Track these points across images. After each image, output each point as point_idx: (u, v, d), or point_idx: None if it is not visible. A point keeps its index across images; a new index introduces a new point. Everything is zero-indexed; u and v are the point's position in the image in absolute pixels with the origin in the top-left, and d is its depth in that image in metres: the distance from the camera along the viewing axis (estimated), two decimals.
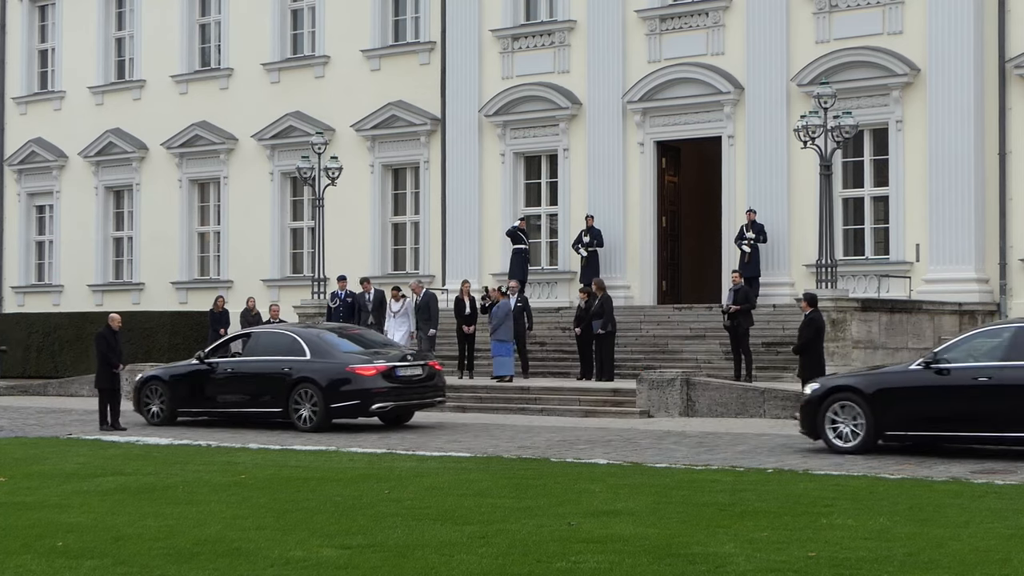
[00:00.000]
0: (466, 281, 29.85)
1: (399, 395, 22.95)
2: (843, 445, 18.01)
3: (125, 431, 22.85)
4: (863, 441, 17.92)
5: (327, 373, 22.74)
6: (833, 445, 18.10)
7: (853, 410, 18.03)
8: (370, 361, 22.88)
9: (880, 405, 17.89)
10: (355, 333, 25.09)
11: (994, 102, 28.21)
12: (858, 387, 18.18)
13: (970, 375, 17.39)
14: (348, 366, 22.77)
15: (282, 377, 23.08)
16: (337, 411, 22.71)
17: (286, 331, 24.41)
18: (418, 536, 11.33)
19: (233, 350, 24.88)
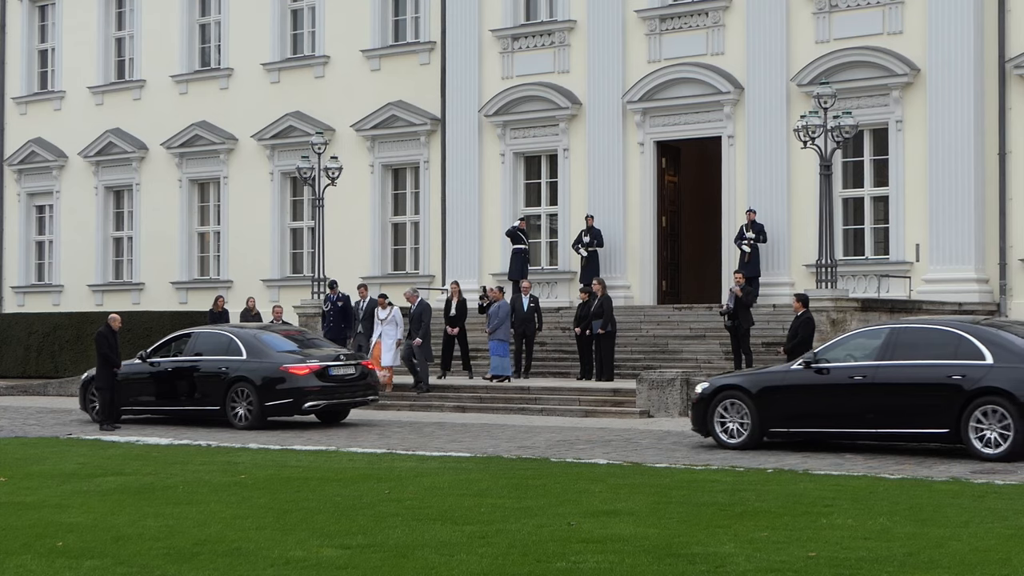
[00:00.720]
0: (455, 282, 29.77)
1: (332, 394, 23.77)
2: (731, 441, 18.81)
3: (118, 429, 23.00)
4: (749, 437, 18.71)
5: (261, 372, 23.55)
6: (721, 441, 18.91)
7: (740, 408, 18.84)
8: (303, 361, 23.69)
9: (765, 403, 18.69)
10: (294, 334, 25.84)
11: (994, 102, 28.21)
12: (744, 386, 19.00)
13: (847, 374, 18.15)
14: (282, 365, 23.54)
15: (219, 376, 23.85)
16: (271, 409, 23.47)
17: (224, 331, 25.16)
18: (418, 536, 11.33)
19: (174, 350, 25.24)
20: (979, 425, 17.11)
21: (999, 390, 17.00)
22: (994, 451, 16.97)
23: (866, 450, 18.28)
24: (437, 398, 26.84)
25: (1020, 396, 16.89)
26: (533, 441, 20.15)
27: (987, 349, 17.36)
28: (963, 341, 17.58)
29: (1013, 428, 16.89)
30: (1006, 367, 17.12)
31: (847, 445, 18.63)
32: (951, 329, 18.03)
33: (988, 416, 17.04)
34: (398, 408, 26.58)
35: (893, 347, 18.01)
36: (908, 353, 17.92)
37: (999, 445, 16.97)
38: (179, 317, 35.64)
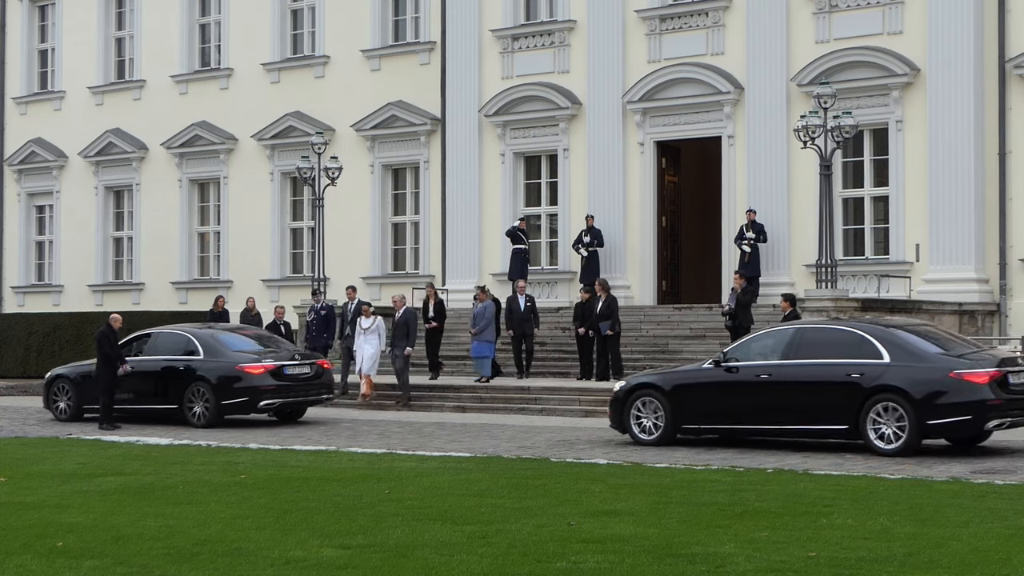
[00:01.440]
0: (430, 284, 29.73)
1: (287, 392, 24.24)
2: (646, 438, 19.42)
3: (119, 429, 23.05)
4: (663, 434, 19.34)
5: (218, 372, 24.01)
6: (637, 438, 19.49)
7: (654, 405, 19.47)
8: (259, 360, 24.15)
9: (677, 401, 19.34)
10: (251, 334, 26.28)
11: (994, 102, 28.21)
12: (658, 384, 19.63)
13: (754, 372, 18.78)
14: (238, 365, 24.00)
15: (177, 375, 24.32)
16: (228, 408, 23.93)
17: (182, 331, 25.52)
18: (418, 536, 11.33)
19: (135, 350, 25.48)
20: (877, 421, 17.70)
21: (895, 388, 17.60)
22: (890, 446, 17.60)
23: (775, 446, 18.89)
24: (437, 398, 26.84)
25: (914, 394, 17.48)
26: (533, 441, 20.15)
27: (885, 348, 17.94)
28: (863, 341, 18.18)
29: (908, 424, 17.49)
30: (902, 366, 17.71)
31: (756, 441, 19.28)
32: (851, 329, 18.68)
33: (885, 413, 17.66)
34: (398, 408, 26.58)
35: (797, 346, 18.66)
36: (811, 352, 18.54)
37: (894, 441, 17.60)
38: (179, 317, 35.50)
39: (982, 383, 17.40)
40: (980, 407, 17.39)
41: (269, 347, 25.21)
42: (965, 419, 17.48)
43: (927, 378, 17.62)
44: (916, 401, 17.48)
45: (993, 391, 17.42)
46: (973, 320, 28.03)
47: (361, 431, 22.51)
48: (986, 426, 17.62)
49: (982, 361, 17.89)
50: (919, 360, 17.84)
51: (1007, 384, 17.63)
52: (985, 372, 17.51)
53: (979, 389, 17.38)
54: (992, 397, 17.39)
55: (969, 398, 17.40)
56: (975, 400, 17.39)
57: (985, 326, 28.18)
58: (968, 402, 17.41)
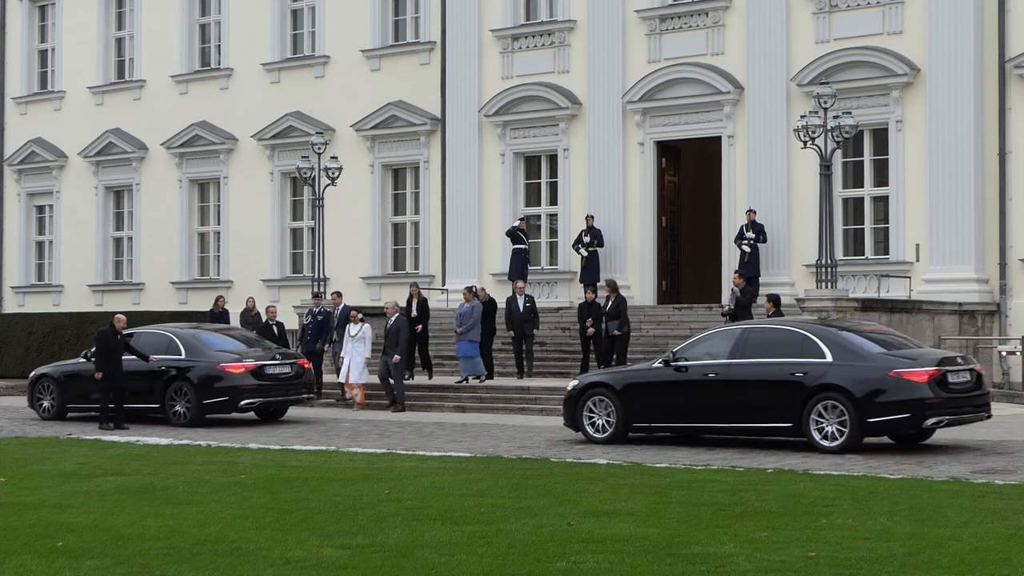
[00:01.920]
0: (415, 284, 29.67)
1: (268, 392, 24.54)
2: (598, 436, 19.76)
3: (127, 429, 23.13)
4: (614, 432, 19.70)
5: (199, 371, 24.32)
6: (590, 436, 19.85)
7: (606, 404, 19.83)
8: (240, 360, 24.43)
9: (628, 399, 19.70)
10: (234, 334, 26.49)
11: (994, 102, 28.22)
12: (609, 383, 20.01)
13: (702, 371, 19.15)
14: (219, 364, 24.29)
15: (158, 375, 24.48)
16: (209, 407, 24.21)
17: (164, 331, 25.69)
18: (418, 536, 11.33)
19: None
20: (819, 419, 18.08)
21: (837, 387, 17.95)
22: (832, 444, 17.95)
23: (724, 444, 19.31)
24: (437, 398, 26.84)
25: (855, 392, 17.84)
26: (533, 441, 20.16)
27: (827, 348, 18.31)
28: (806, 340, 18.55)
29: (849, 422, 17.88)
30: (844, 365, 18.08)
31: (707, 439, 19.69)
32: (795, 329, 19.05)
33: (827, 411, 18.03)
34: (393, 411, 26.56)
35: (744, 346, 19.02)
36: (757, 352, 18.89)
37: (836, 438, 17.96)
38: (179, 317, 35.58)
39: (921, 382, 17.78)
40: (919, 405, 17.78)
41: (251, 347, 25.41)
42: (904, 417, 17.91)
43: (868, 377, 17.99)
44: (857, 399, 17.86)
45: (932, 390, 17.80)
46: (973, 320, 28.04)
47: (361, 431, 22.51)
48: (924, 424, 17.97)
49: (922, 360, 18.22)
50: (860, 359, 18.20)
51: (946, 383, 18.02)
52: (924, 371, 17.88)
53: (918, 388, 17.77)
54: (931, 396, 17.78)
55: (908, 396, 17.80)
56: (914, 398, 17.78)
57: (985, 326, 28.19)
58: (907, 400, 17.81)
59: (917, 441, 18.90)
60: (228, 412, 24.61)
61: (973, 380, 18.56)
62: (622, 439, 19.67)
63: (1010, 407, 24.41)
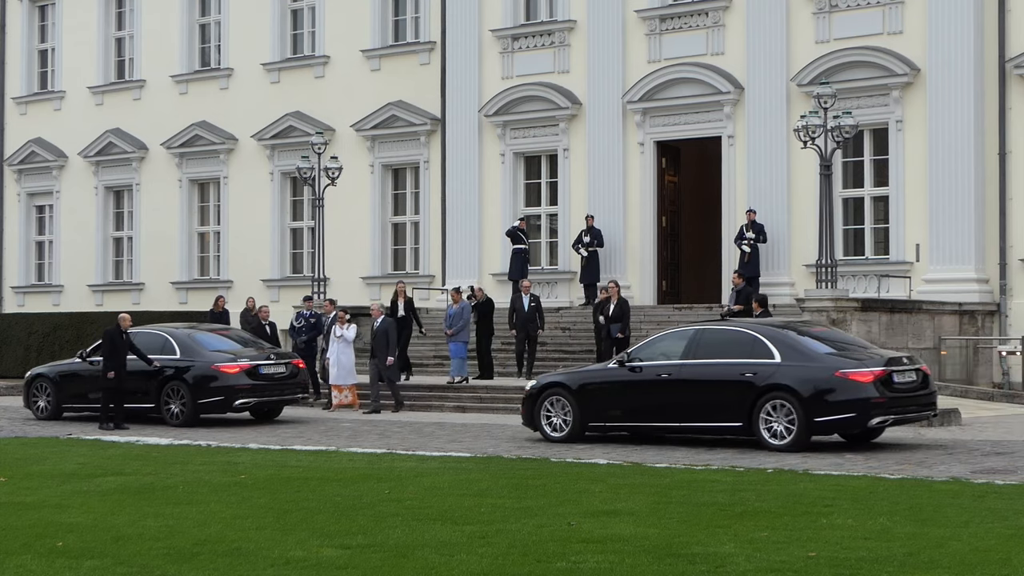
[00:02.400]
0: (401, 282, 29.63)
1: (262, 392, 24.62)
2: (555, 435, 20.10)
3: (127, 430, 23.16)
4: (571, 431, 20.02)
5: (194, 371, 24.39)
6: (547, 435, 20.19)
7: (563, 404, 20.15)
8: (234, 360, 24.48)
9: (584, 399, 20.05)
10: (229, 334, 26.54)
11: (994, 102, 28.22)
12: (566, 383, 20.35)
13: (656, 372, 19.54)
14: (214, 364, 24.35)
15: (153, 375, 24.49)
16: (203, 407, 24.29)
17: (159, 331, 25.76)
18: (418, 536, 11.33)
19: None
20: (768, 418, 18.44)
21: (785, 386, 18.33)
22: (780, 442, 18.31)
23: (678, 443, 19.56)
24: (437, 398, 26.83)
25: (803, 392, 18.22)
26: (533, 441, 20.16)
27: (776, 349, 18.70)
28: (756, 341, 18.94)
29: (797, 421, 18.22)
30: (792, 365, 18.46)
31: (659, 438, 19.89)
32: (745, 330, 19.46)
33: (776, 410, 18.39)
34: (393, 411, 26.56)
35: (697, 347, 19.39)
36: (709, 352, 19.25)
37: (785, 437, 18.30)
38: (179, 317, 35.58)
39: (866, 382, 18.16)
40: (864, 405, 18.14)
41: (246, 347, 25.45)
42: (850, 416, 18.26)
43: (815, 377, 18.34)
44: (804, 399, 18.21)
45: (877, 389, 18.17)
46: (973, 320, 28.04)
47: (361, 431, 22.52)
48: (870, 423, 18.32)
49: (868, 361, 18.58)
50: (808, 360, 18.57)
51: (891, 383, 18.40)
52: (870, 371, 18.25)
53: (863, 388, 18.14)
54: (876, 395, 18.16)
55: (854, 396, 18.17)
56: (859, 398, 18.15)
57: (985, 326, 28.19)
58: (853, 400, 18.18)
59: (867, 440, 19.21)
60: (223, 412, 24.67)
61: (919, 380, 18.95)
62: (578, 438, 19.99)
63: (1010, 407, 24.40)
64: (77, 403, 25.91)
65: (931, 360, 27.01)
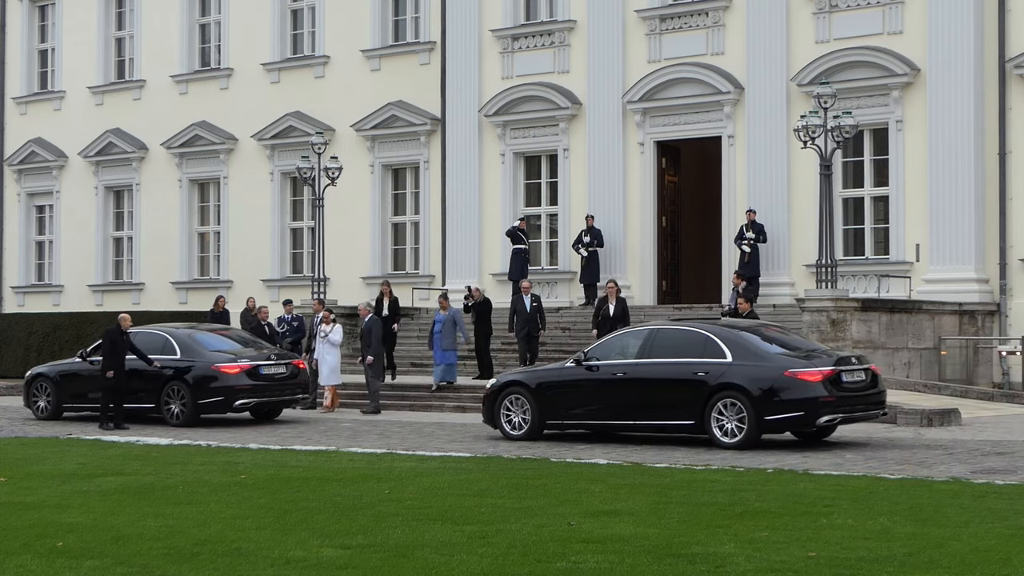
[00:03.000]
0: (386, 282, 29.49)
1: (262, 392, 24.62)
2: (515, 433, 20.40)
3: (126, 430, 23.15)
4: (530, 429, 20.34)
5: (194, 371, 24.36)
6: (507, 433, 20.49)
7: (522, 402, 20.47)
8: (235, 360, 24.47)
9: (542, 398, 20.36)
10: (229, 334, 26.55)
11: (994, 102, 28.21)
12: (525, 382, 20.70)
13: (611, 371, 19.86)
14: (214, 364, 24.35)
15: (154, 375, 24.49)
16: (204, 407, 24.28)
17: (159, 331, 25.76)
18: (418, 536, 11.33)
19: None
20: (720, 417, 18.79)
21: (736, 385, 18.67)
22: (731, 440, 18.66)
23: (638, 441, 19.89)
24: (437, 398, 26.82)
25: (753, 391, 18.54)
26: (533, 441, 20.16)
27: (728, 348, 19.02)
28: (708, 341, 19.27)
29: (747, 419, 18.56)
30: (743, 365, 18.80)
31: (615, 436, 20.22)
32: (698, 330, 19.75)
33: (727, 409, 18.75)
34: (398, 408, 26.59)
35: (651, 346, 19.76)
36: (663, 352, 19.61)
37: (736, 435, 18.64)
38: (179, 317, 35.58)
39: (815, 381, 18.47)
40: (812, 403, 18.45)
41: (247, 347, 25.45)
42: (799, 415, 18.58)
43: (765, 376, 18.65)
44: (754, 398, 18.53)
45: (826, 388, 18.47)
46: (973, 320, 28.04)
47: (361, 431, 22.52)
48: (818, 421, 18.62)
49: (818, 361, 18.89)
50: (759, 359, 18.90)
51: (840, 382, 18.71)
52: (818, 371, 18.57)
53: (812, 387, 18.45)
54: (824, 394, 18.46)
55: (803, 395, 18.48)
56: (808, 397, 18.46)
57: (985, 326, 28.19)
58: (801, 399, 18.49)
59: (820, 438, 19.45)
60: (223, 412, 24.67)
61: (868, 379, 19.22)
62: (537, 436, 20.28)
63: (1010, 407, 24.39)
64: (77, 403, 25.92)
65: (931, 360, 27.06)
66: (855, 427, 21.10)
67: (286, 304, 29.91)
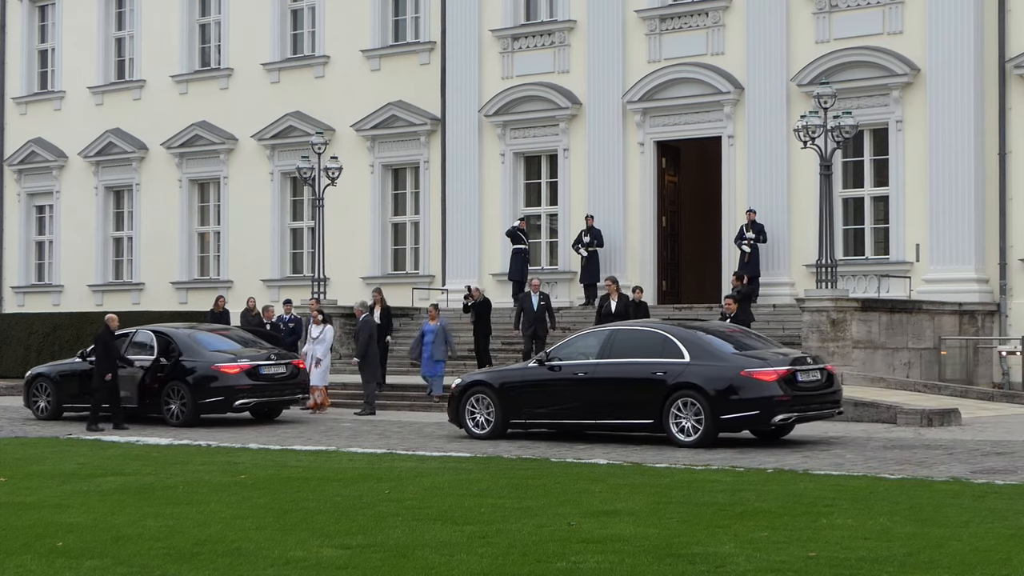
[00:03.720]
0: (377, 289, 28.99)
1: (262, 392, 24.63)
2: (479, 432, 20.66)
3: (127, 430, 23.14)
4: (494, 428, 20.59)
5: (195, 371, 24.32)
6: (472, 432, 20.75)
7: (486, 402, 20.72)
8: (235, 360, 24.45)
9: (506, 397, 20.61)
10: (229, 334, 26.51)
11: (994, 102, 28.22)
12: (489, 382, 20.95)
13: (573, 371, 20.11)
14: (214, 364, 24.33)
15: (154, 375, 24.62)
16: (204, 407, 24.28)
17: (160, 331, 25.65)
18: (418, 536, 11.33)
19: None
20: (677, 415, 19.08)
21: (693, 385, 18.95)
22: (689, 439, 18.94)
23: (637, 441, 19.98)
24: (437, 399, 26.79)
25: (709, 390, 18.83)
26: (533, 441, 20.17)
27: (685, 348, 19.32)
28: (666, 341, 19.56)
29: (704, 418, 18.85)
30: (700, 364, 19.09)
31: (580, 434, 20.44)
32: (656, 330, 20.07)
33: (685, 408, 19.04)
34: (398, 408, 26.59)
35: (612, 346, 20.00)
36: (624, 352, 19.85)
37: (693, 433, 18.93)
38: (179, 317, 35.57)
39: (770, 380, 18.74)
40: (768, 403, 18.73)
41: (247, 347, 25.43)
42: (754, 414, 18.85)
43: (721, 376, 18.94)
44: (711, 397, 18.82)
45: (781, 388, 18.74)
46: (973, 320, 28.04)
47: (361, 431, 22.52)
48: (773, 420, 18.86)
49: (773, 361, 19.12)
50: (715, 359, 19.19)
51: (795, 382, 18.95)
52: (774, 371, 18.83)
53: (767, 386, 18.73)
54: (780, 393, 18.73)
55: (758, 394, 18.75)
56: (763, 396, 18.74)
57: (985, 326, 28.19)
58: (757, 398, 18.77)
59: (778, 437, 19.68)
60: (223, 412, 24.66)
61: (823, 379, 19.46)
62: (501, 435, 20.52)
63: (1010, 407, 24.39)
64: (77, 403, 25.88)
65: (931, 360, 27.06)
66: (855, 427, 21.10)
67: (286, 304, 29.94)
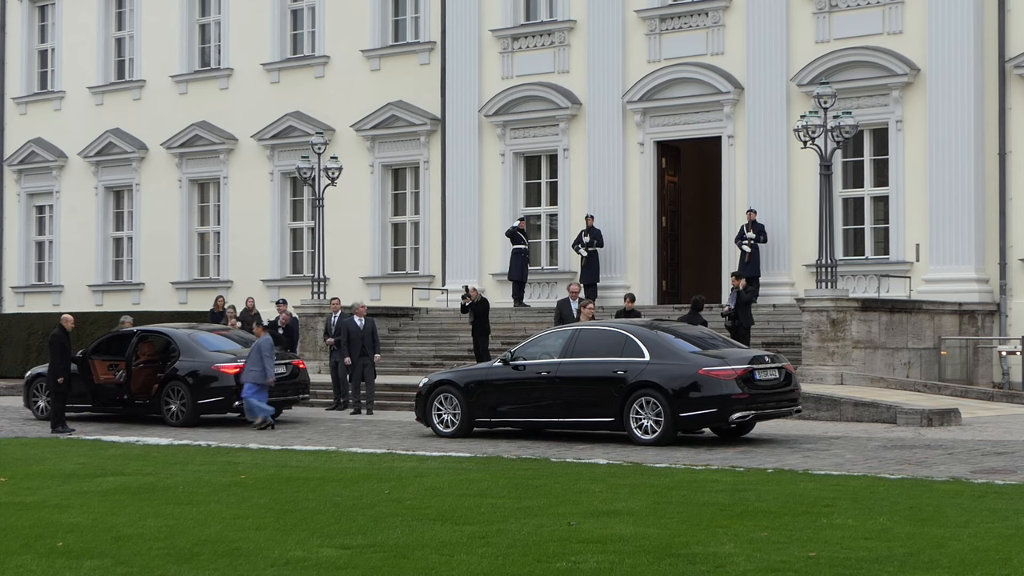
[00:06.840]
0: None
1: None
2: (445, 431, 20.95)
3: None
4: (459, 427, 20.88)
5: (195, 371, 24.36)
6: (438, 431, 21.05)
7: (452, 401, 21.00)
8: (234, 360, 24.33)
9: (471, 396, 20.89)
10: (229, 334, 26.52)
11: (994, 102, 28.22)
12: (455, 381, 21.19)
13: (536, 370, 20.39)
14: (214, 364, 24.36)
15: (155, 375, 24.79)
16: (204, 407, 24.31)
17: (160, 331, 25.86)
18: (418, 536, 11.33)
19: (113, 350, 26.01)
20: (638, 414, 19.34)
21: (653, 384, 19.22)
22: (649, 437, 19.22)
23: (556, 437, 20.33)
24: None
25: (668, 389, 19.10)
26: (533, 441, 20.17)
27: (646, 348, 19.60)
28: (627, 340, 19.82)
29: (664, 417, 19.13)
30: (660, 363, 19.38)
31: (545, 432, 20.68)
32: (618, 330, 20.33)
33: (645, 406, 19.31)
34: (398, 408, 26.57)
35: (574, 346, 20.25)
36: (586, 351, 20.11)
37: (652, 432, 19.20)
38: (179, 317, 35.59)
39: (728, 379, 19.02)
40: (725, 401, 19.01)
41: (247, 347, 25.05)
42: (712, 411, 19.15)
43: (680, 374, 19.21)
44: (670, 395, 19.11)
45: (739, 386, 19.01)
46: (973, 320, 28.04)
47: (361, 431, 22.52)
48: (731, 418, 19.16)
49: (732, 359, 19.37)
50: (675, 358, 19.45)
51: (753, 380, 19.21)
52: (731, 369, 19.10)
53: (725, 384, 19.02)
54: (737, 391, 19.01)
55: (716, 392, 19.03)
56: (721, 394, 19.02)
57: (985, 326, 28.19)
58: (715, 396, 19.04)
59: (739, 435, 19.93)
60: (223, 412, 24.66)
61: (782, 378, 19.72)
62: (467, 434, 20.81)
63: (1010, 407, 24.39)
64: (77, 403, 25.84)
65: (931, 360, 27.06)
66: (855, 427, 21.10)
67: (281, 304, 29.97)
